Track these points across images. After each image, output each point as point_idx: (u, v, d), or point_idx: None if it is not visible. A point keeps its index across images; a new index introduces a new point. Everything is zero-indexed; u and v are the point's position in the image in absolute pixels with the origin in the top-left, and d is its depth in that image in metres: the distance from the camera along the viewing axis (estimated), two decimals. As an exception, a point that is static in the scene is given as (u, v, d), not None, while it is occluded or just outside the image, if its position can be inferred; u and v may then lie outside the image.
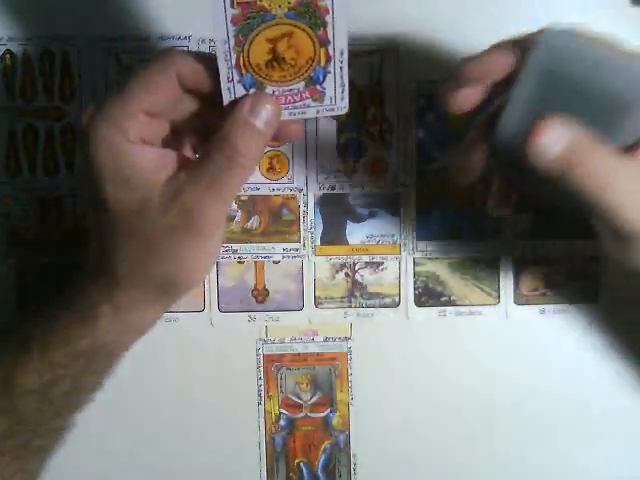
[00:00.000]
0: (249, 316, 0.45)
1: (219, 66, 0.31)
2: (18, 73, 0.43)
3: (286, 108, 0.33)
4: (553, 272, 0.46)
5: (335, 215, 0.45)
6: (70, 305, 0.34)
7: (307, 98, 0.33)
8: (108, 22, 0.42)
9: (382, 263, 0.45)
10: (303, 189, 0.44)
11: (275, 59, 0.32)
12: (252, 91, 0.32)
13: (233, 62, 0.31)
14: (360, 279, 0.45)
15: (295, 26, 0.31)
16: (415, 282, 0.45)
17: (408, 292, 0.45)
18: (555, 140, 0.28)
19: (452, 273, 0.45)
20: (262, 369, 0.45)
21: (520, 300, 0.46)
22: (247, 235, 0.45)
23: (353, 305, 0.45)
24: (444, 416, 0.46)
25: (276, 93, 0.32)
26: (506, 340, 0.46)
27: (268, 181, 0.44)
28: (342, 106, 0.33)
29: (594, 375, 0.46)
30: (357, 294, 0.45)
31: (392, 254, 0.45)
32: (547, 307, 0.46)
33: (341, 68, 0.32)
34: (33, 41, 0.43)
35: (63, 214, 0.44)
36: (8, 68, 0.43)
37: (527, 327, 0.46)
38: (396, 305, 0.45)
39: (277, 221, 0.45)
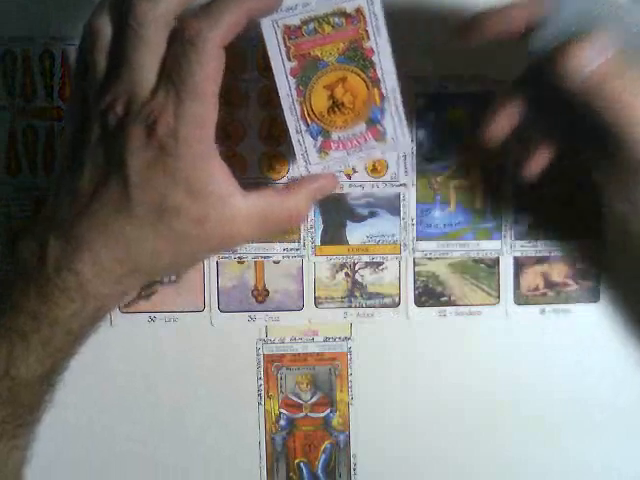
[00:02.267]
0: (249, 316, 0.45)
1: (286, 119, 0.33)
2: (18, 73, 0.43)
3: (353, 153, 0.35)
4: (553, 272, 0.46)
5: (335, 215, 0.45)
6: (72, 296, 0.32)
7: (370, 139, 0.35)
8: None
9: (382, 263, 0.45)
10: (303, 189, 0.44)
11: (335, 105, 0.34)
12: (319, 139, 0.34)
13: (299, 114, 0.33)
14: (360, 279, 0.45)
15: (347, 70, 0.33)
16: (415, 282, 0.45)
17: (408, 292, 0.45)
18: (599, 52, 0.31)
19: (452, 273, 0.45)
20: (262, 369, 0.45)
21: (520, 300, 0.46)
22: (247, 235, 0.44)
23: (353, 305, 0.45)
24: (444, 416, 0.46)
25: (341, 138, 0.34)
26: (506, 340, 0.46)
27: (268, 181, 0.44)
28: (404, 143, 0.35)
29: (594, 375, 0.46)
30: (357, 294, 0.45)
31: (392, 254, 0.45)
32: (547, 307, 0.46)
33: (396, 106, 0.34)
34: (33, 41, 0.43)
35: (63, 214, 0.44)
36: (8, 68, 0.43)
37: (527, 327, 0.46)
38: (396, 305, 0.45)
39: (277, 221, 0.45)
